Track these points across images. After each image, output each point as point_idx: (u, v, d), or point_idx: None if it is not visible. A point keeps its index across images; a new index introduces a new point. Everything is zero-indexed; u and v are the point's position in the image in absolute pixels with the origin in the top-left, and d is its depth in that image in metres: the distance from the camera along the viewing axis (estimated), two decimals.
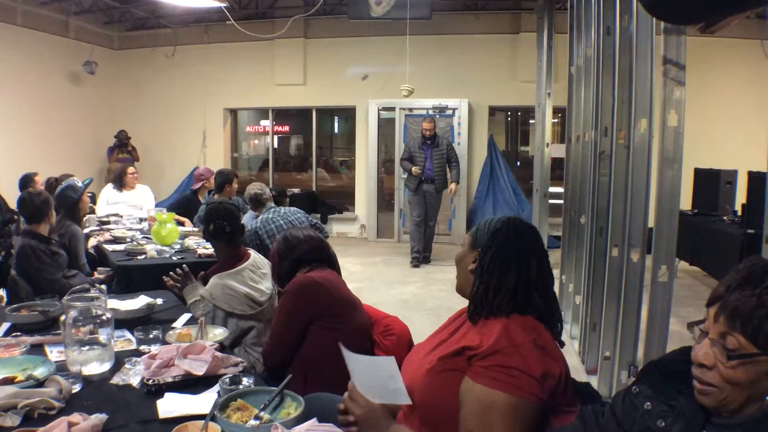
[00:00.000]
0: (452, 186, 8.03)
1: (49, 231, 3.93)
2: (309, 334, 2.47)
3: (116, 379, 1.97)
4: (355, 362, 1.63)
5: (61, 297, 2.67)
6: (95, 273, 4.05)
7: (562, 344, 1.69)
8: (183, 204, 6.06)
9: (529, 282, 1.64)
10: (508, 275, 1.63)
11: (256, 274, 3.06)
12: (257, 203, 4.69)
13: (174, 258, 4.15)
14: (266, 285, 3.07)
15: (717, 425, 1.13)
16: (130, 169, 6.58)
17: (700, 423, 1.16)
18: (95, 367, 2.02)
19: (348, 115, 10.81)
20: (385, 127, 9.76)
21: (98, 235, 5.00)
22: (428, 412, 1.63)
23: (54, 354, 2.20)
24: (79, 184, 4.47)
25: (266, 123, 11.06)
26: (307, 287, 2.52)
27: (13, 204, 5.83)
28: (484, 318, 1.64)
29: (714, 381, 1.11)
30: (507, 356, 1.51)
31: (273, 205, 4.63)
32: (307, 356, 2.46)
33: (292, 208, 4.59)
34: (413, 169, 7.72)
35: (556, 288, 5.72)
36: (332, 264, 2.75)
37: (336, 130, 12.48)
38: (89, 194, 6.39)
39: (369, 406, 1.61)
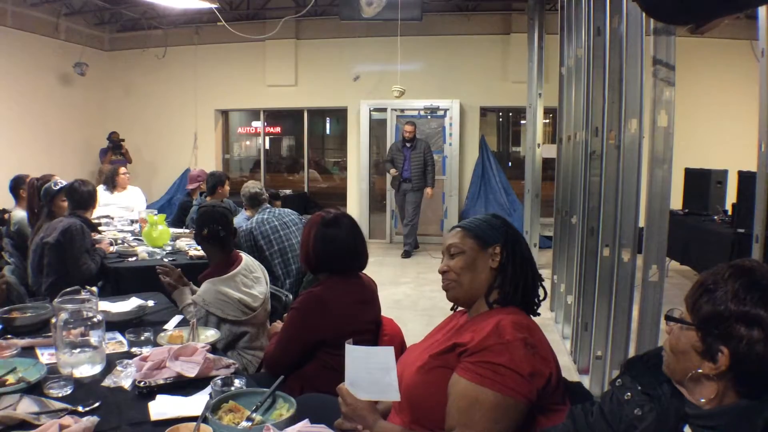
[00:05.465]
0: (428, 190, 8.43)
1: (38, 227, 3.96)
2: (315, 354, 2.38)
3: (107, 382, 1.96)
4: (354, 353, 1.64)
5: (83, 285, 2.67)
6: None
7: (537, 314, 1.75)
8: (184, 211, 5.95)
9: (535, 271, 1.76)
10: (531, 262, 1.76)
11: (249, 279, 3.03)
12: (254, 202, 4.61)
13: (165, 260, 4.13)
14: (259, 290, 3.04)
15: (694, 416, 1.18)
16: (122, 170, 6.59)
17: (676, 412, 1.21)
18: (86, 369, 2.02)
19: (339, 116, 10.81)
20: (377, 128, 9.77)
21: None
22: (419, 409, 1.65)
23: (45, 356, 2.19)
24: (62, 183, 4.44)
25: (257, 124, 11.04)
26: (314, 311, 2.36)
27: (3, 205, 5.80)
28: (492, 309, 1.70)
29: (666, 347, 1.26)
30: (496, 353, 1.52)
31: (268, 205, 4.59)
32: (306, 372, 2.39)
33: (286, 210, 4.57)
34: (391, 170, 8.41)
35: (548, 287, 5.76)
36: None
37: (327, 131, 12.47)
38: None
39: (354, 403, 1.64)
